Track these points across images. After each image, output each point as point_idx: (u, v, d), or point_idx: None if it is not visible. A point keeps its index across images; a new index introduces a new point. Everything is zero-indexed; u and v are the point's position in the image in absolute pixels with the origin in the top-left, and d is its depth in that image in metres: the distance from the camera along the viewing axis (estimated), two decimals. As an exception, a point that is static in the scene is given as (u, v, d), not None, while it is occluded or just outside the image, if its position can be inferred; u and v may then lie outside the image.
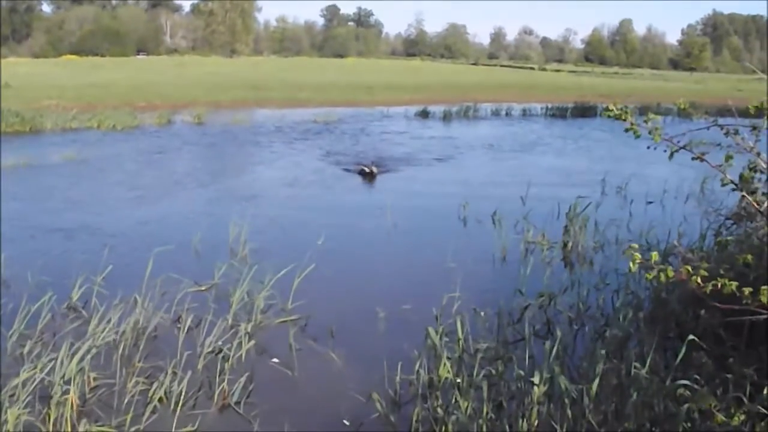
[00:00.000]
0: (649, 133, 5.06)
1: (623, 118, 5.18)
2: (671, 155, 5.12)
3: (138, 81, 62.53)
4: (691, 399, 5.58)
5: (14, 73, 63.81)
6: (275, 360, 9.29)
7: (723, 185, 5.25)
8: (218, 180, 22.40)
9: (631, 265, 4.48)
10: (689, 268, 4.31)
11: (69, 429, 7.13)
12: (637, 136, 5.15)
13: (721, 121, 5.54)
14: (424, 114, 44.62)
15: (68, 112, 35.85)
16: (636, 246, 4.61)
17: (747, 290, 4.12)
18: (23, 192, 19.19)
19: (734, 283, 4.15)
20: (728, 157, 5.10)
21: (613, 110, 5.14)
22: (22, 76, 60.93)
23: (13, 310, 9.71)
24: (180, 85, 58.84)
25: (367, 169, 22.58)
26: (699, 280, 4.24)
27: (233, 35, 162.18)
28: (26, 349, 8.79)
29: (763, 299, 4.07)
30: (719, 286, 4.17)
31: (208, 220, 16.22)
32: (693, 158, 5.13)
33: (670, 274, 4.36)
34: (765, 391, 4.89)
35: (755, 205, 5.40)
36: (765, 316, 4.21)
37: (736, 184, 5.08)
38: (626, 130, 5.23)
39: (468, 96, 54.67)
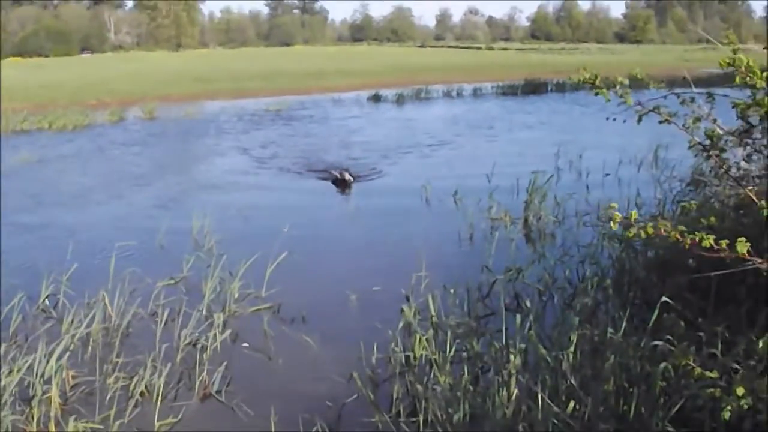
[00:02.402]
0: (620, 96, 5.19)
1: (592, 81, 5.30)
2: (639, 119, 5.24)
3: (86, 79, 62.00)
4: (668, 357, 5.73)
5: (-41, 77, 63.16)
6: (245, 345, 9.42)
7: (690, 147, 5.39)
8: (176, 174, 22.34)
9: (611, 224, 4.60)
10: (668, 224, 4.46)
11: (53, 427, 7.15)
12: (608, 100, 5.27)
13: (675, 90, 5.67)
14: (376, 98, 44.75)
15: (18, 114, 35.56)
16: (615, 205, 4.74)
17: (724, 242, 4.28)
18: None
19: (712, 237, 4.31)
20: (695, 119, 5.25)
21: (583, 74, 5.26)
22: (-33, 80, 60.34)
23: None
24: (128, 82, 58.40)
25: (339, 176, 19.19)
26: (678, 235, 4.39)
27: (178, 28, 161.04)
28: (2, 352, 8.79)
29: (740, 249, 4.23)
30: (698, 239, 4.32)
31: (170, 213, 16.19)
32: (660, 122, 5.25)
33: (650, 231, 4.51)
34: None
35: (723, 165, 5.55)
36: (731, 271, 4.37)
37: (704, 146, 5.23)
38: (596, 94, 5.35)
39: (418, 78, 54.80)
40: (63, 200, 18.63)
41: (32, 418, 7.31)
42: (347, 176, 19.02)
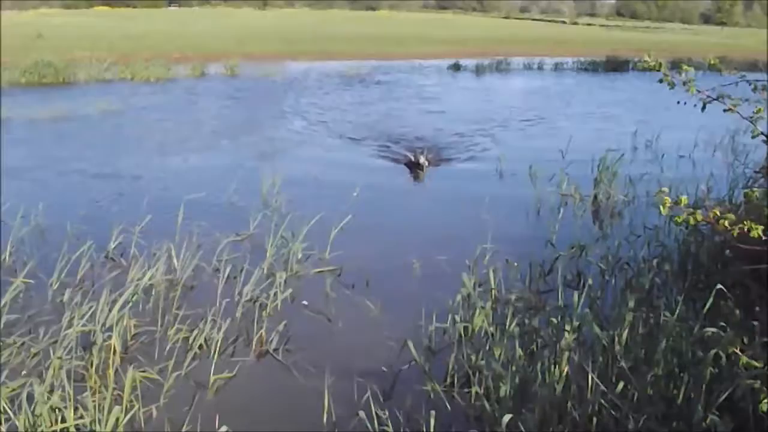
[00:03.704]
0: (684, 84, 5.15)
1: (657, 68, 5.27)
2: (704, 107, 5.20)
3: (170, 32, 62.54)
4: (719, 344, 5.71)
5: (46, 23, 64.05)
6: (305, 302, 9.54)
7: (753, 137, 5.33)
8: (251, 132, 22.43)
9: (661, 208, 4.58)
10: (717, 212, 4.43)
11: (112, 374, 7.24)
12: (671, 87, 5.23)
13: (749, 76, 5.60)
14: (456, 67, 44.53)
15: (101, 64, 35.98)
16: (666, 190, 4.71)
17: (772, 232, 4.24)
18: (59, 142, 19.42)
19: (760, 227, 4.26)
20: (759, 110, 5.17)
21: (647, 61, 5.23)
22: (53, 27, 61.12)
23: (54, 260, 9.94)
24: (212, 37, 58.81)
25: (413, 159, 17.67)
26: (726, 224, 4.35)
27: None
28: (66, 297, 8.96)
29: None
30: (745, 229, 4.28)
31: (243, 171, 16.36)
32: (724, 110, 5.20)
33: (699, 217, 4.48)
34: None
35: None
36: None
37: (767, 136, 5.17)
38: (660, 81, 5.31)
39: (499, 49, 54.40)
40: (136, 151, 18.94)
41: (92, 364, 7.44)
42: (422, 159, 17.50)
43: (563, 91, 35.33)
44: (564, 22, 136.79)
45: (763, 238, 4.24)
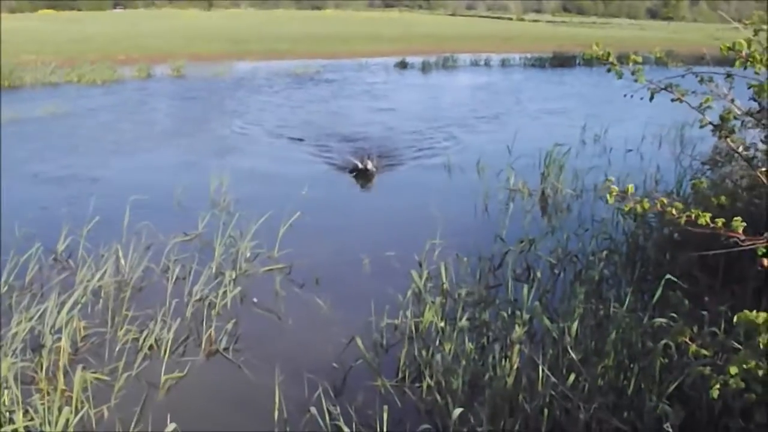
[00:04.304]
0: (632, 74, 5.17)
1: (605, 58, 5.28)
2: (652, 97, 5.22)
3: (116, 34, 62.11)
4: (668, 334, 5.75)
5: (-9, 28, 63.27)
6: (255, 299, 9.53)
7: (701, 127, 5.34)
8: (199, 132, 22.33)
9: (608, 197, 4.59)
10: (664, 200, 4.44)
11: (62, 376, 7.20)
12: (619, 77, 5.24)
13: (696, 69, 5.64)
14: (403, 65, 44.62)
15: (47, 67, 35.60)
16: (613, 179, 4.72)
17: (720, 221, 4.26)
18: (6, 145, 19.20)
19: (708, 214, 4.28)
20: (707, 99, 5.20)
21: (596, 50, 5.24)
22: (-2, 31, 60.45)
23: (1, 262, 9.80)
24: (158, 38, 58.44)
25: (360, 164, 16.50)
26: (674, 212, 4.37)
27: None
28: (15, 300, 8.87)
29: (736, 227, 4.21)
30: (693, 217, 4.30)
31: (189, 171, 16.32)
32: (672, 100, 5.22)
33: (646, 205, 4.49)
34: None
35: (733, 146, 5.53)
36: (739, 249, 4.35)
37: (715, 126, 5.20)
38: (608, 71, 5.33)
39: (446, 46, 54.51)
40: (85, 153, 18.71)
41: (41, 366, 7.38)
42: (369, 165, 16.37)
43: (511, 87, 35.54)
44: (510, 19, 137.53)
45: (711, 225, 4.26)
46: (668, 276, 7.47)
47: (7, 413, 6.25)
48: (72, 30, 68.09)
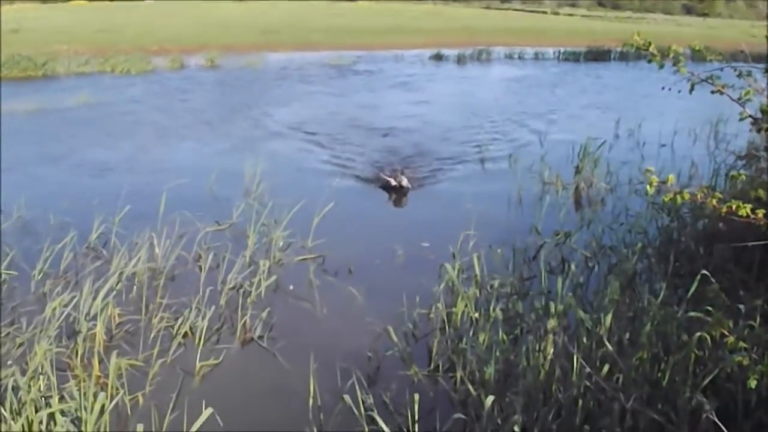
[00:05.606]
0: (674, 64, 5.14)
1: (645, 48, 5.26)
2: (692, 88, 5.20)
3: (148, 25, 62.17)
4: (703, 327, 5.73)
5: (23, 18, 63.52)
6: (291, 287, 9.61)
7: (741, 119, 5.31)
8: (233, 122, 22.38)
9: (648, 187, 4.57)
10: (705, 189, 4.43)
11: (97, 362, 7.26)
12: (661, 66, 5.22)
13: (734, 64, 5.60)
14: (438, 57, 44.45)
15: (80, 57, 35.77)
16: (652, 169, 4.71)
17: (761, 212, 4.24)
18: (41, 134, 19.31)
19: (748, 206, 4.26)
20: (747, 91, 5.17)
21: (636, 40, 5.23)
22: (30, 21, 60.61)
23: (37, 251, 9.90)
24: (190, 29, 58.47)
25: (393, 182, 14.49)
26: (714, 202, 4.36)
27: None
28: (49, 288, 9.01)
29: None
30: (733, 208, 4.28)
31: (225, 160, 16.41)
32: (713, 92, 5.20)
33: (686, 196, 4.48)
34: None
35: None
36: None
37: (755, 119, 5.17)
38: (648, 61, 5.31)
39: (481, 39, 54.25)
40: (122, 142, 18.82)
41: (76, 353, 7.46)
42: (404, 182, 14.47)
43: (547, 80, 35.30)
44: (545, 13, 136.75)
45: (751, 216, 4.25)
46: (704, 271, 7.42)
47: (43, 398, 6.29)
48: (103, 21, 68.16)
